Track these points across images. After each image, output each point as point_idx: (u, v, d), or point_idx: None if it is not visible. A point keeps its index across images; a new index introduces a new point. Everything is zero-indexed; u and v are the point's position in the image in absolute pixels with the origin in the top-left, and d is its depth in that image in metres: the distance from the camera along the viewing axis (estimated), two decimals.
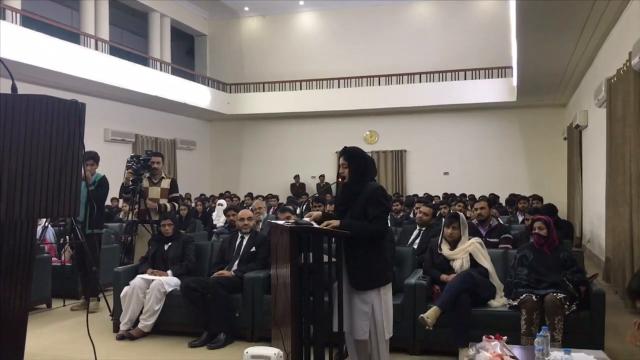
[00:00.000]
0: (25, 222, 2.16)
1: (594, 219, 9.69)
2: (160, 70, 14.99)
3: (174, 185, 6.66)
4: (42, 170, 2.00)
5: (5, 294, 2.14)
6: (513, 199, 10.31)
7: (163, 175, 6.69)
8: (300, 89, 16.87)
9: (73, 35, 12.35)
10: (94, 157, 6.19)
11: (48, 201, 2.02)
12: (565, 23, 7.63)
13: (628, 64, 6.22)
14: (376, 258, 3.50)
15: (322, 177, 16.65)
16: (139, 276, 5.32)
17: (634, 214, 5.96)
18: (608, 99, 7.45)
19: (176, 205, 6.65)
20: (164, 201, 6.49)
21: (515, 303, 4.32)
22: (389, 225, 7.41)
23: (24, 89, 2.00)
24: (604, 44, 8.55)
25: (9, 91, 2.04)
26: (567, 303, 4.17)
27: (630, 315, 5.73)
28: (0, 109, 1.93)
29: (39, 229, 5.98)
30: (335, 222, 3.48)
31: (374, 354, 3.50)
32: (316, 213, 3.73)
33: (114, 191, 6.97)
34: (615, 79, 7.08)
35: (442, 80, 15.66)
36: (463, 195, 12.60)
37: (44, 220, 6.19)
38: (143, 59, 14.60)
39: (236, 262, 5.34)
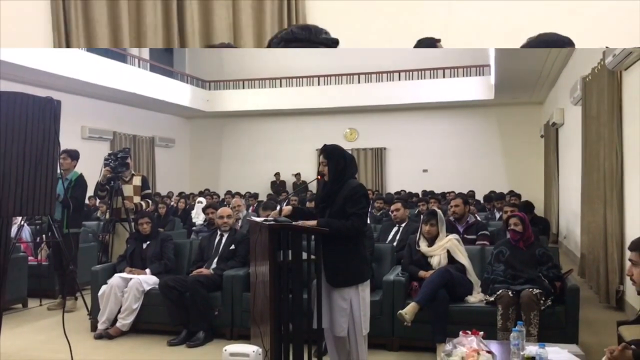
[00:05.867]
0: None
1: (570, 215, 9.84)
2: (139, 67, 14.81)
3: (144, 182, 6.66)
4: (16, 168, 1.97)
5: None
6: (491, 195, 10.40)
7: (133, 172, 6.67)
8: (280, 86, 16.81)
9: None
10: (68, 151, 6.11)
11: (22, 200, 2.00)
12: None
13: (602, 62, 6.33)
14: (354, 255, 3.50)
15: (298, 175, 16.62)
16: (117, 275, 5.28)
17: (608, 210, 6.06)
18: (583, 97, 7.56)
19: (149, 202, 6.62)
20: (137, 199, 6.48)
21: (491, 299, 4.39)
22: (369, 222, 7.44)
23: None
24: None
25: None
26: (543, 298, 4.23)
27: (605, 310, 5.85)
28: None
29: (15, 227, 5.90)
30: (312, 223, 3.47)
31: (352, 350, 3.52)
32: (287, 207, 3.73)
33: (90, 189, 6.90)
34: (590, 77, 7.19)
35: (421, 79, 15.74)
36: (443, 194, 12.39)
37: (20, 218, 6.10)
38: (121, 56, 14.42)
39: (215, 260, 5.33)
